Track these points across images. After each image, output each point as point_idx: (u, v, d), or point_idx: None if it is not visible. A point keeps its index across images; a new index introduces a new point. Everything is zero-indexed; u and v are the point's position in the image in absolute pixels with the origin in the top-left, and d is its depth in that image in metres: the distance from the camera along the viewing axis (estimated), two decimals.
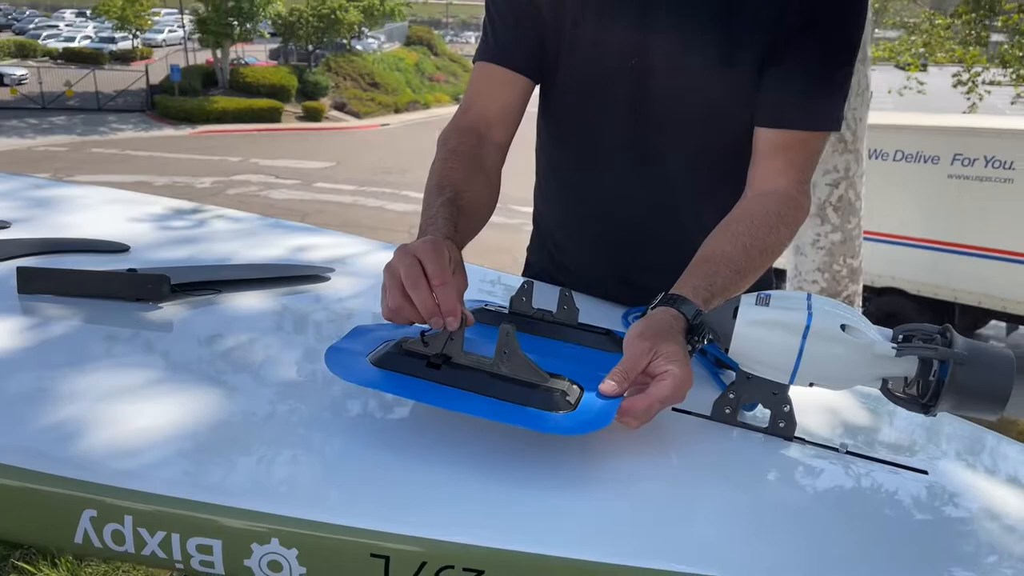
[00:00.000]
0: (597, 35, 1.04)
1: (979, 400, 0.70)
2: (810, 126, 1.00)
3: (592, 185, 1.15)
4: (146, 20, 35.03)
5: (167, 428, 0.72)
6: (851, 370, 0.74)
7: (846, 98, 1.04)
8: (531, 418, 0.69)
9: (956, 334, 0.72)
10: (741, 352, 0.77)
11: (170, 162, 18.10)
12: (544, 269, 1.25)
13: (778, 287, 1.09)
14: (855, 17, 1.00)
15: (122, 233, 1.21)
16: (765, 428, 0.79)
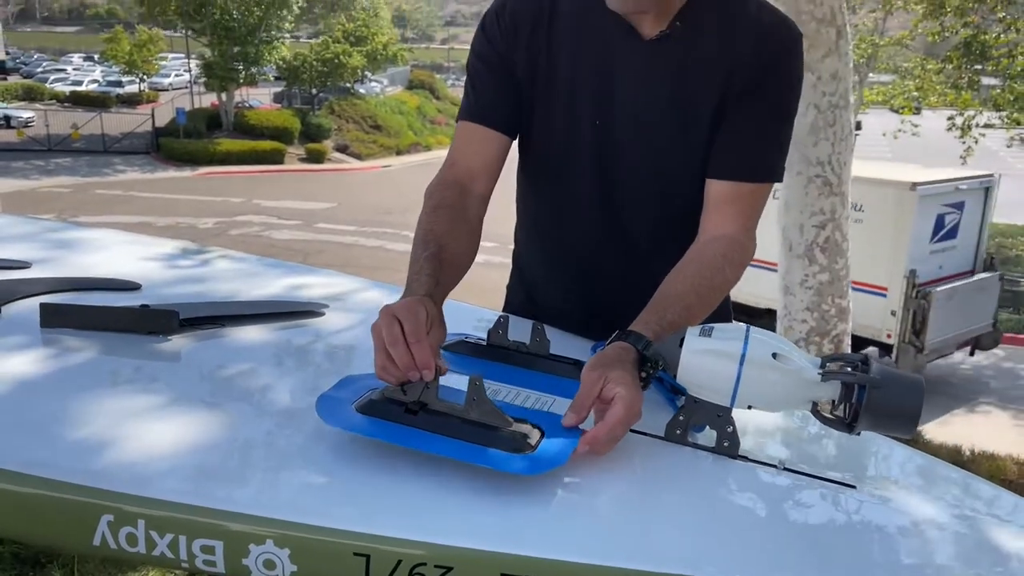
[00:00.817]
0: (566, 97, 1.16)
1: (893, 419, 0.79)
2: (755, 178, 1.13)
3: (564, 232, 1.26)
4: (153, 65, 35.69)
5: (175, 444, 0.81)
6: (783, 394, 0.84)
7: (787, 152, 1.16)
8: (495, 459, 0.78)
9: (874, 361, 0.82)
10: (687, 378, 0.86)
11: (173, 203, 18.32)
12: (521, 306, 1.36)
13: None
14: (794, 82, 1.13)
15: (134, 272, 1.31)
16: (712, 447, 0.88)
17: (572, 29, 1.14)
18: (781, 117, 1.13)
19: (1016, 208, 19.62)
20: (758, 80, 1.09)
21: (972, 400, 8.42)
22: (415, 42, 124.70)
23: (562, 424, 0.86)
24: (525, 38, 1.15)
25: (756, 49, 1.10)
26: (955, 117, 15.93)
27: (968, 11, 14.12)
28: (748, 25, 1.10)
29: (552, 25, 1.15)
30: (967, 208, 8.33)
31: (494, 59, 1.17)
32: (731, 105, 1.10)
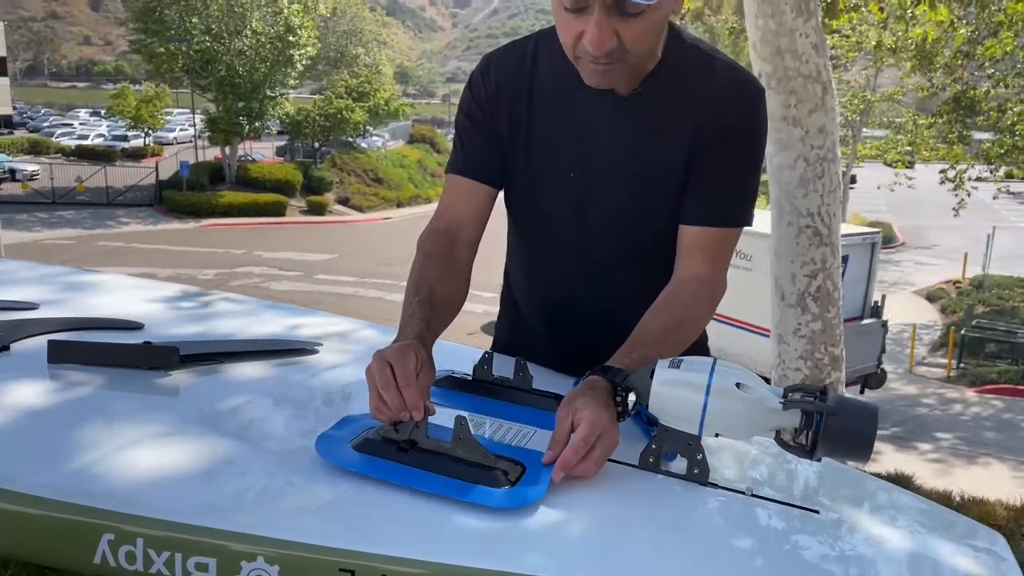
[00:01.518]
0: (545, 151, 1.24)
1: (849, 446, 0.84)
2: (724, 224, 1.20)
3: (546, 275, 1.34)
4: (159, 119, 36.31)
5: (173, 469, 0.86)
6: (748, 422, 0.89)
7: (755, 200, 1.23)
8: (479, 495, 0.84)
9: (831, 391, 0.87)
10: (658, 408, 0.91)
11: (175, 254, 18.48)
12: (508, 343, 1.42)
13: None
14: (758, 134, 1.20)
15: (137, 313, 1.37)
16: (683, 475, 0.93)
17: (551, 87, 1.22)
18: (747, 168, 1.20)
19: (1012, 260, 19.81)
20: (724, 134, 1.17)
21: (971, 451, 8.39)
22: (417, 98, 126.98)
23: (542, 462, 0.92)
24: (508, 96, 1.24)
25: (720, 105, 1.17)
26: (947, 171, 16.18)
27: (956, 67, 14.44)
28: (713, 83, 1.18)
29: (532, 84, 1.23)
30: (852, 261, 9.36)
31: (479, 116, 1.25)
32: (699, 157, 1.18)
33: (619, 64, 1.07)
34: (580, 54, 1.08)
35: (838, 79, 23.27)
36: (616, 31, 1.03)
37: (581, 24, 1.04)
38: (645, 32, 1.06)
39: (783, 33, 4.23)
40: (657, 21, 1.07)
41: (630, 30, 1.04)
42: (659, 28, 1.10)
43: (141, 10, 26.05)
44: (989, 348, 12.09)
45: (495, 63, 1.26)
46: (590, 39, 1.03)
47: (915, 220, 27.88)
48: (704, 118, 1.17)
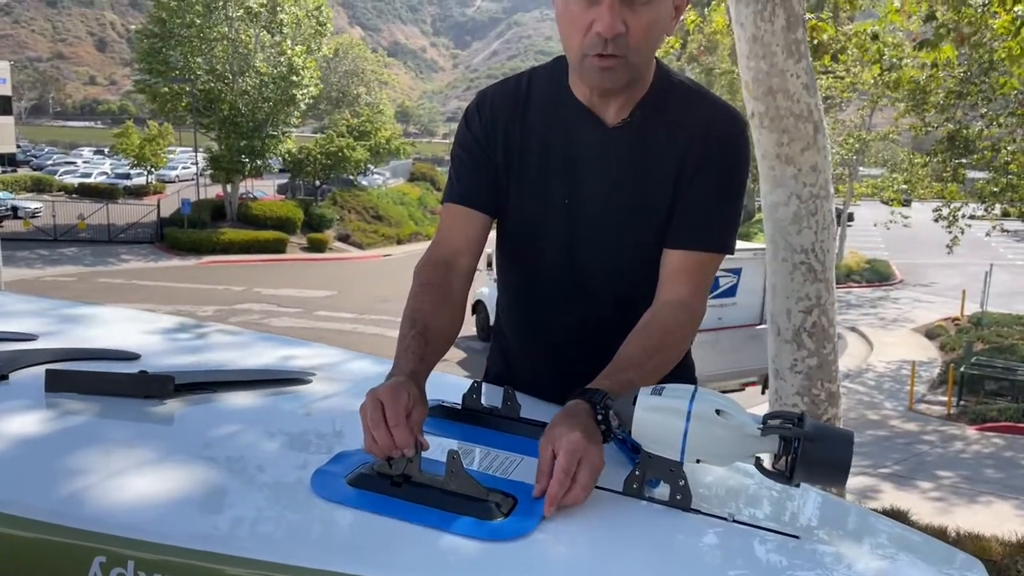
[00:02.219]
0: (536, 179, 1.29)
1: (825, 471, 0.86)
2: (706, 249, 1.25)
3: (536, 302, 1.37)
4: (162, 158, 36.64)
5: (166, 494, 0.88)
6: (728, 448, 0.91)
7: (737, 227, 1.28)
8: (471, 528, 0.86)
9: (808, 417, 0.89)
10: (640, 434, 0.94)
11: (175, 291, 18.52)
12: (500, 375, 1.44)
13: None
14: (740, 165, 1.26)
15: (134, 344, 1.39)
16: (666, 501, 0.95)
17: (543, 117, 1.28)
18: (730, 196, 1.26)
19: (1010, 298, 19.84)
20: (708, 164, 1.24)
21: (973, 489, 8.33)
22: (417, 136, 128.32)
23: (533, 495, 0.93)
24: (502, 128, 1.29)
25: (706, 137, 1.24)
26: (941, 208, 16.31)
27: (950, 107, 14.62)
28: (699, 116, 1.25)
29: (525, 114, 1.29)
30: (745, 273, 10.33)
31: (475, 148, 1.31)
32: (684, 185, 1.24)
33: (622, 61, 1.15)
34: (589, 50, 1.15)
35: (833, 119, 23.58)
36: (625, 20, 1.12)
37: (592, 14, 1.13)
38: (649, 26, 1.15)
39: (774, 74, 4.32)
40: (655, 23, 1.16)
41: (636, 21, 1.13)
42: (659, 31, 1.18)
43: (146, 51, 26.46)
44: (989, 386, 12.05)
45: (490, 97, 1.33)
46: (603, 23, 1.11)
47: (913, 258, 27.99)
48: (689, 148, 1.23)
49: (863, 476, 8.67)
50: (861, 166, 25.96)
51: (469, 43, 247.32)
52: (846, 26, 7.70)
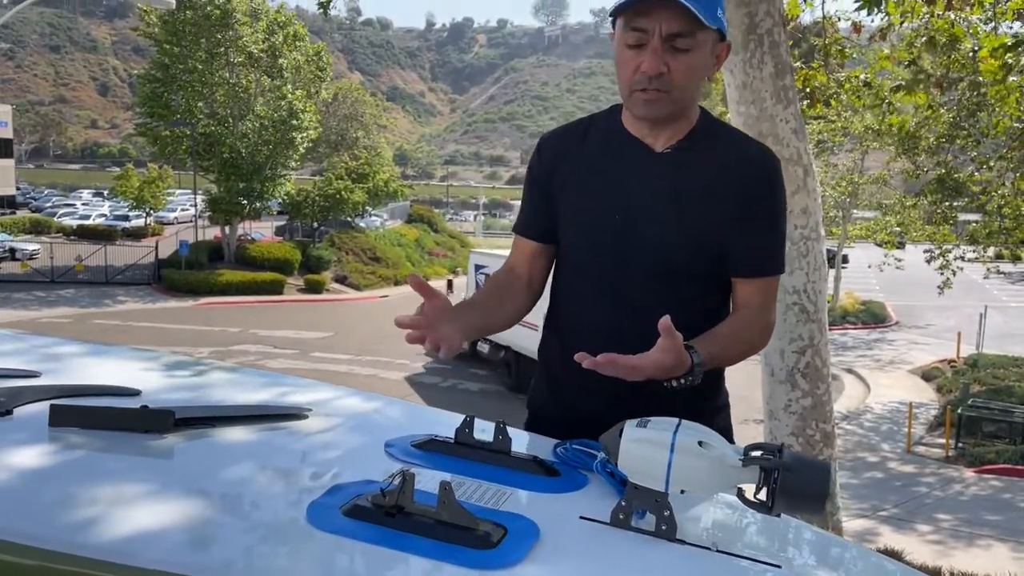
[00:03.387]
0: (591, 200, 1.50)
1: (803, 500, 0.89)
2: (769, 273, 1.50)
3: (584, 319, 1.51)
4: (161, 200, 36.88)
5: (163, 524, 0.91)
6: (710, 478, 0.94)
7: (784, 245, 1.51)
8: (463, 556, 0.89)
9: (787, 448, 0.93)
10: (627, 465, 0.97)
11: (171, 332, 18.50)
12: (544, 404, 1.61)
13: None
14: (782, 196, 1.50)
15: (135, 380, 1.42)
16: (652, 531, 0.97)
17: (600, 145, 1.52)
18: (779, 225, 1.50)
19: (1005, 339, 19.89)
20: (757, 200, 1.46)
21: (971, 532, 8.27)
22: (415, 179, 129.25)
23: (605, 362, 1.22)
24: (563, 157, 1.54)
25: (750, 174, 1.47)
26: (932, 251, 16.44)
27: (940, 150, 14.82)
28: (741, 153, 1.49)
29: (584, 143, 1.54)
30: None
31: (532, 186, 1.58)
32: (738, 220, 1.45)
33: (665, 96, 1.39)
34: (636, 86, 1.40)
35: (825, 162, 23.87)
36: (667, 63, 1.36)
37: (640, 58, 1.37)
38: (688, 70, 1.38)
39: (764, 119, 4.42)
40: (695, 66, 1.39)
41: (677, 64, 1.37)
42: (698, 73, 1.41)
43: (148, 95, 26.82)
44: (986, 427, 12.03)
45: (548, 139, 1.60)
46: (647, 64, 1.36)
47: (908, 299, 28.09)
48: (733, 181, 1.45)
49: (862, 519, 8.62)
50: (855, 209, 26.21)
51: (467, 88, 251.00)
52: (837, 73, 7.87)
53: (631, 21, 1.38)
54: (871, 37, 7.38)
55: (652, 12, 1.34)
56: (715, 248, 1.46)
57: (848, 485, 9.91)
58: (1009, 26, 8.00)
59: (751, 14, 4.36)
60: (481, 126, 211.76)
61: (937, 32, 6.92)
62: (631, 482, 0.98)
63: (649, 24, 1.35)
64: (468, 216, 77.04)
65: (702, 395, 1.48)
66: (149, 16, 26.73)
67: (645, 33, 1.36)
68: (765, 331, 1.51)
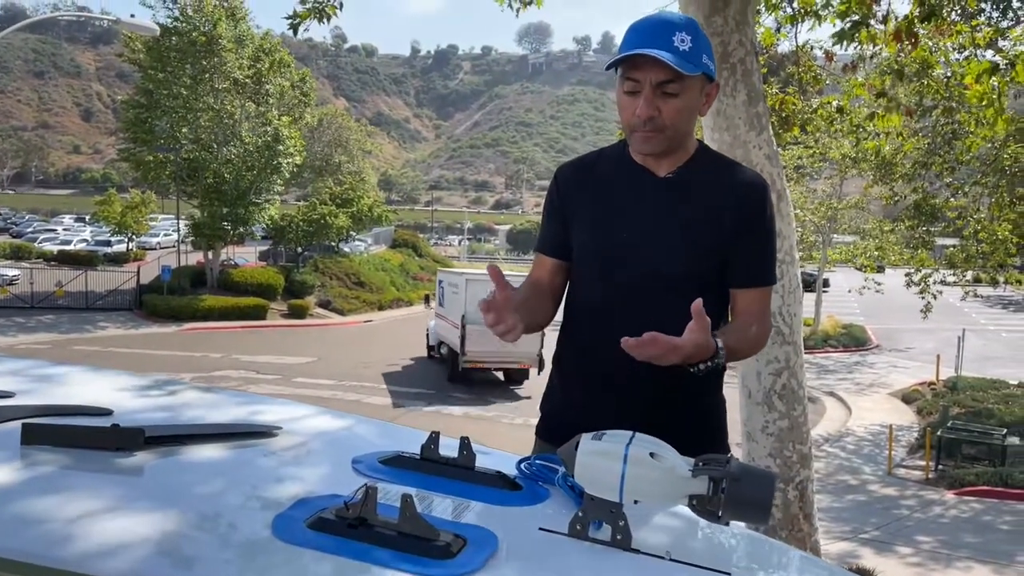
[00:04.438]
0: (600, 220, 1.68)
1: (749, 508, 0.93)
2: (763, 284, 1.71)
3: (595, 329, 1.66)
4: (144, 225, 36.71)
5: (131, 539, 0.93)
6: (662, 489, 0.97)
7: (776, 260, 1.74)
8: (422, 565, 0.91)
9: (735, 459, 0.96)
10: (583, 477, 1.00)
11: (152, 358, 18.35)
12: (557, 406, 1.80)
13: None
14: (772, 215, 1.71)
15: (107, 400, 1.44)
16: (608, 541, 1.01)
17: (608, 173, 1.74)
18: (771, 242, 1.72)
19: (983, 362, 20.10)
20: (752, 218, 1.67)
21: (951, 554, 8.31)
22: (400, 204, 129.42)
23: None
24: (577, 184, 1.76)
25: (744, 197, 1.67)
26: (912, 275, 16.65)
27: (916, 176, 15.07)
28: (736, 179, 1.70)
29: (594, 171, 1.76)
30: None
31: (549, 208, 1.80)
32: (736, 238, 1.65)
33: (659, 134, 1.60)
34: (634, 127, 1.61)
35: (805, 187, 24.17)
36: (658, 106, 1.57)
37: (636, 103, 1.59)
38: (678, 111, 1.59)
39: (738, 145, 4.51)
40: (684, 108, 1.60)
41: (667, 107, 1.58)
42: (688, 112, 1.62)
43: (132, 120, 26.83)
44: (966, 450, 12.11)
45: (567, 167, 1.82)
46: (640, 110, 1.57)
47: (888, 323, 28.36)
48: (731, 204, 1.66)
49: (844, 542, 8.64)
50: (834, 233, 26.52)
51: (451, 114, 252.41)
52: (813, 98, 8.04)
53: (627, 72, 1.59)
54: (843, 67, 7.55)
55: (642, 65, 1.55)
56: (715, 261, 1.64)
57: (830, 508, 9.94)
58: (982, 54, 8.21)
59: (724, 43, 4.47)
60: (466, 151, 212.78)
61: (908, 63, 7.09)
62: (588, 493, 1.01)
63: (640, 75, 1.57)
64: (453, 240, 77.17)
65: (703, 396, 1.72)
66: (134, 42, 26.83)
67: (638, 82, 1.57)
68: (764, 334, 1.70)
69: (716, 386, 1.76)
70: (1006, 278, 16.49)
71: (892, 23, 5.66)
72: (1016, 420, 13.86)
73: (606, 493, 0.99)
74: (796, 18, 6.30)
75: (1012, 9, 13.66)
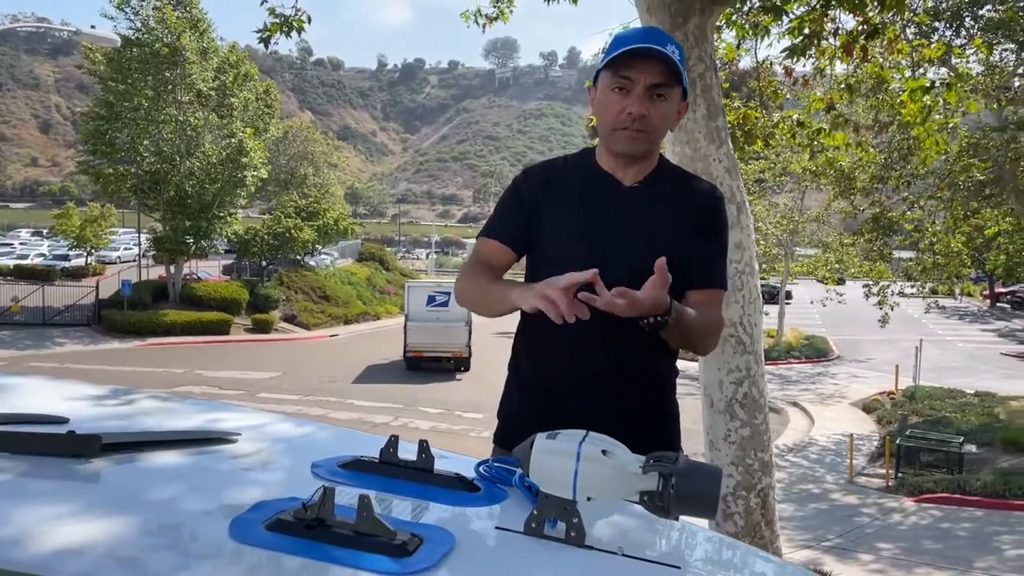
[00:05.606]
0: (567, 225, 1.73)
1: (697, 503, 0.96)
2: (718, 287, 1.79)
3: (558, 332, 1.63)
4: (103, 239, 36.04)
5: (86, 545, 0.93)
6: (614, 486, 1.00)
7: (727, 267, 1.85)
8: (379, 563, 0.93)
9: (684, 456, 0.99)
10: (538, 475, 1.02)
11: (111, 375, 18.00)
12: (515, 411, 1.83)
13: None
14: (726, 223, 1.83)
15: (63, 409, 1.43)
16: (562, 538, 1.03)
17: (575, 180, 1.79)
18: (723, 247, 1.83)
19: (941, 372, 20.54)
20: (710, 225, 1.77)
21: (910, 560, 8.46)
22: (367, 217, 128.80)
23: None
24: (547, 184, 1.81)
25: (702, 205, 1.78)
26: (871, 287, 17.01)
27: (874, 191, 15.41)
28: (695, 188, 1.81)
29: (563, 176, 1.81)
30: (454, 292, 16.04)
31: (518, 200, 1.82)
32: (691, 242, 1.72)
33: (644, 135, 1.68)
34: (620, 125, 1.68)
35: (768, 201, 24.58)
36: (647, 108, 1.65)
37: (625, 102, 1.66)
38: (663, 115, 1.68)
39: (698, 158, 4.59)
40: (669, 115, 1.70)
41: (655, 110, 1.67)
42: (669, 120, 1.72)
43: (91, 132, 26.38)
44: (925, 457, 12.35)
45: (537, 167, 1.88)
46: (634, 107, 1.65)
47: (849, 334, 28.86)
48: (689, 211, 1.75)
49: (807, 550, 8.75)
50: (797, 246, 27.00)
51: (419, 128, 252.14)
52: (774, 112, 8.21)
53: (619, 71, 1.66)
54: (796, 82, 7.72)
55: (639, 65, 1.64)
56: (677, 265, 1.63)
57: (793, 516, 10.07)
58: (937, 72, 8.45)
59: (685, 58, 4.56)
60: (433, 165, 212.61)
61: (863, 79, 7.28)
62: (542, 491, 1.03)
63: (635, 75, 1.64)
64: (421, 254, 76.95)
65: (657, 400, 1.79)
66: (94, 54, 26.43)
67: (631, 81, 1.65)
68: (718, 326, 1.77)
69: (669, 391, 1.82)
70: (961, 289, 16.89)
71: (842, 38, 5.82)
72: (972, 428, 14.19)
73: (560, 491, 1.01)
74: (754, 33, 6.44)
75: (964, 28, 14.08)
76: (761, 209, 23.09)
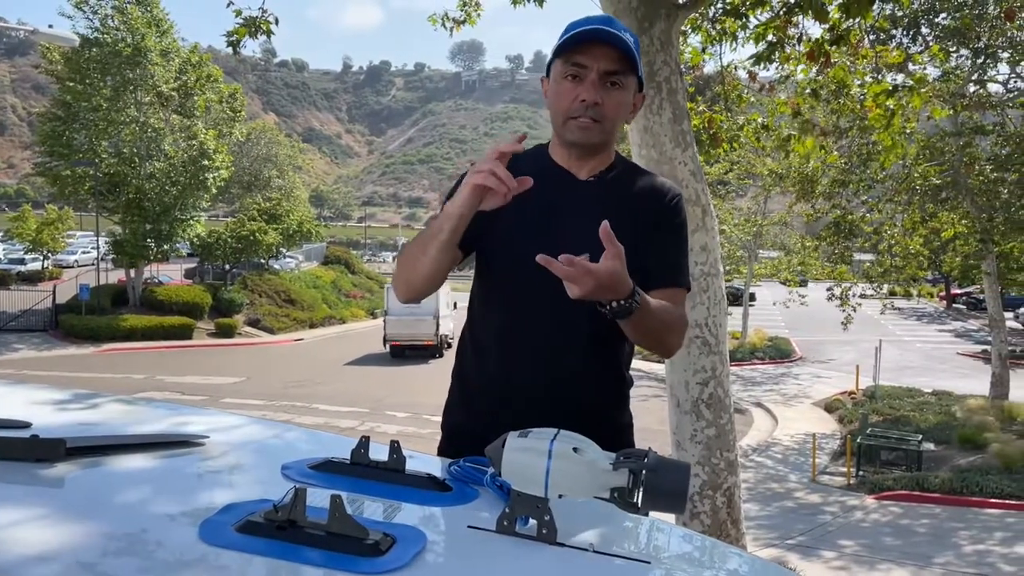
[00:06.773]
0: (521, 223, 1.66)
1: (666, 498, 0.98)
2: (680, 285, 1.72)
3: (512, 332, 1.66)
4: (60, 242, 35.27)
5: (52, 550, 0.91)
6: (585, 482, 1.01)
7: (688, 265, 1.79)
8: (351, 563, 0.92)
9: (653, 452, 1.01)
10: (509, 473, 1.03)
11: (69, 381, 17.62)
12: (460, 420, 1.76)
13: None
14: (685, 221, 1.76)
15: (25, 414, 1.41)
16: (534, 536, 1.03)
17: (525, 173, 1.61)
18: (684, 244, 1.77)
19: (900, 372, 20.98)
20: (668, 222, 1.72)
21: (872, 556, 8.62)
22: (332, 220, 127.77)
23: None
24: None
25: (662, 201, 1.72)
26: (833, 288, 17.33)
27: (835, 195, 15.69)
28: (652, 185, 1.75)
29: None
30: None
31: None
32: (650, 239, 1.66)
33: (598, 125, 1.63)
34: (573, 113, 1.63)
35: (732, 205, 24.90)
36: (601, 96, 1.60)
37: (578, 89, 1.61)
38: (617, 104, 1.64)
39: (664, 161, 4.64)
40: (623, 104, 1.66)
41: (609, 99, 1.62)
42: (624, 110, 1.67)
43: (48, 133, 25.83)
44: (884, 456, 12.61)
45: None
46: (588, 94, 1.60)
47: (811, 335, 29.33)
48: (648, 207, 1.70)
49: (771, 548, 8.87)
50: (760, 249, 27.37)
51: (384, 130, 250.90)
52: (740, 117, 8.32)
53: (572, 58, 1.61)
54: (761, 88, 7.85)
55: (592, 51, 1.59)
56: (635, 263, 1.56)
57: (758, 515, 10.20)
58: (894, 78, 8.64)
59: (650, 63, 4.61)
60: (399, 168, 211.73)
61: (825, 83, 7.42)
62: (514, 489, 1.04)
63: (588, 61, 1.60)
64: (387, 257, 76.56)
65: (608, 409, 1.73)
66: (51, 53, 25.88)
67: (585, 68, 1.60)
68: (683, 322, 1.70)
69: (625, 401, 1.78)
70: (919, 290, 17.29)
71: (806, 44, 5.93)
72: (930, 427, 14.52)
73: (532, 488, 1.02)
74: (719, 38, 6.53)
75: (921, 36, 14.41)
76: (725, 212, 23.39)
